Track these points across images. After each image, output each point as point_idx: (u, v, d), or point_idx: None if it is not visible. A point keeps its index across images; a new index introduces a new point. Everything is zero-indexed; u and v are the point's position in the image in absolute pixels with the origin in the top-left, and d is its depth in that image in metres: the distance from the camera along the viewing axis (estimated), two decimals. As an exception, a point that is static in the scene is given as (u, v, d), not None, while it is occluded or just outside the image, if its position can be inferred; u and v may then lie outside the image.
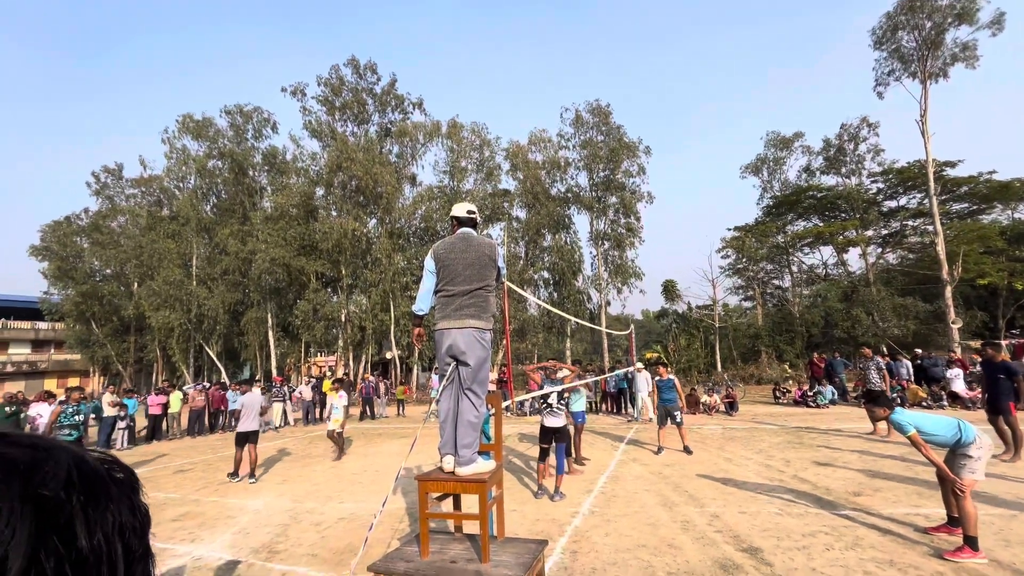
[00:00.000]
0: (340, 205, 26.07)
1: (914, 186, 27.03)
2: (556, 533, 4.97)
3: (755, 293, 31.03)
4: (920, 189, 26.07)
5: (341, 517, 5.84)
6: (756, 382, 22.15)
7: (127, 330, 32.33)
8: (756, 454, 8.29)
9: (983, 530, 4.31)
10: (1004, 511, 5.00)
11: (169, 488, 7.88)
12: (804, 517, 5.10)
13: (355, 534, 5.17)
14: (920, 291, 24.75)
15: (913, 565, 3.89)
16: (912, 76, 22.37)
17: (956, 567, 3.81)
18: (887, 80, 23.31)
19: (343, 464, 9.08)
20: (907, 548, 4.22)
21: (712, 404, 14.42)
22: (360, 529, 5.29)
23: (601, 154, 26.84)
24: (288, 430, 14.76)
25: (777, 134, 31.88)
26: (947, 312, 20.94)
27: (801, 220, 31.37)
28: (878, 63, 23.49)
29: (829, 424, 10.91)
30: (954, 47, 21.45)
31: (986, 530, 4.39)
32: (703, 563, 4.11)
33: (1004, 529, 4.53)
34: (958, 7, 20.83)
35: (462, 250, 3.16)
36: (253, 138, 29.49)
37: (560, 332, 27.78)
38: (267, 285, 26.53)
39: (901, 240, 28.63)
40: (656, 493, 6.23)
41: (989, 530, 4.45)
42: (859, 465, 7.15)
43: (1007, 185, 25.61)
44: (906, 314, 23.26)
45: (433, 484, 3.05)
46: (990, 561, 3.87)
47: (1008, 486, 5.84)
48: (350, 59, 27.00)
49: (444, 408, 3.16)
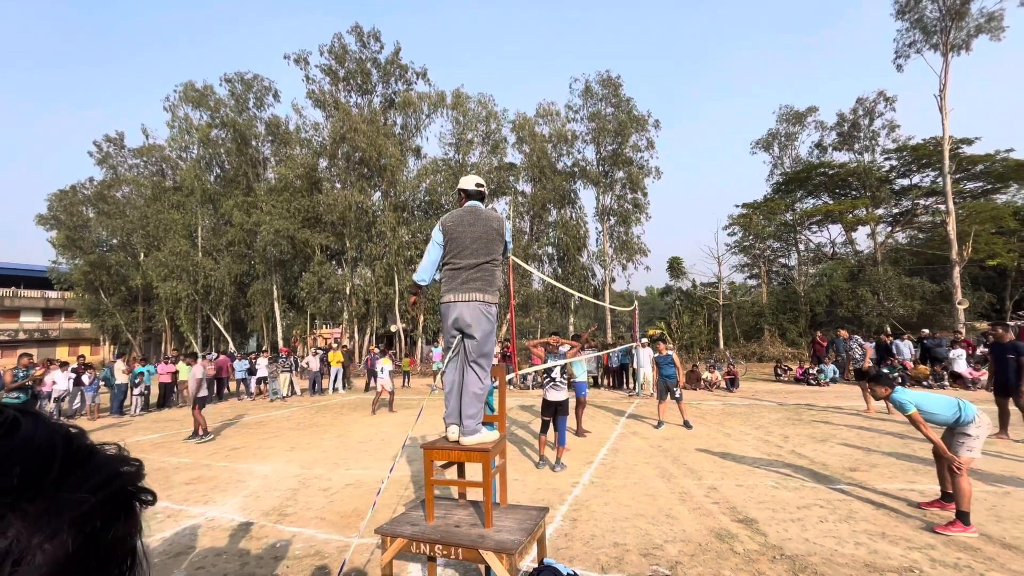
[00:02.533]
0: (344, 177, 25.87)
1: (928, 164, 26.48)
2: (557, 501, 5.12)
3: (760, 271, 30.85)
4: (934, 167, 25.55)
5: (348, 483, 6.02)
6: (758, 360, 22.29)
7: (135, 300, 32.69)
8: (755, 430, 8.42)
9: (976, 506, 4.40)
10: (997, 488, 5.10)
11: (182, 453, 8.12)
12: (800, 491, 5.22)
13: (362, 499, 5.34)
14: (928, 271, 24.54)
15: (904, 537, 3.99)
16: (934, 48, 21.62)
17: (946, 540, 3.91)
18: (907, 52, 22.55)
19: (350, 433, 9.30)
20: (899, 521, 4.33)
21: (713, 380, 14.56)
22: (367, 495, 5.46)
23: (609, 127, 26.37)
24: (295, 399, 15.06)
25: (790, 108, 31.12)
26: (954, 293, 20.80)
27: (811, 198, 30.88)
28: (899, 34, 22.69)
29: (829, 402, 11.02)
30: (979, 17, 20.65)
31: (979, 506, 4.49)
32: (699, 532, 4.23)
33: (996, 505, 4.62)
34: (986, -26, 19.95)
35: (470, 223, 3.15)
36: (255, 107, 29.10)
37: (564, 307, 27.87)
38: (272, 257, 26.61)
39: (911, 219, 28.21)
40: (655, 465, 6.37)
41: (982, 506, 4.54)
42: (856, 442, 7.26)
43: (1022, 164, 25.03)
44: (912, 294, 23.13)
45: (438, 452, 3.13)
46: (980, 535, 3.96)
47: (1003, 464, 5.93)
48: (353, 26, 26.33)
49: (449, 380, 3.21)
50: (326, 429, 9.83)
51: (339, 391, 16.57)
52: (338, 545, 4.24)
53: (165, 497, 5.70)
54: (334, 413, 12.03)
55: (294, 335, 30.56)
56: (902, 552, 3.73)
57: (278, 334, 27.58)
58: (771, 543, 3.97)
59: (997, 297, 23.93)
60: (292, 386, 15.76)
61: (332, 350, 17.52)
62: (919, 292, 23.09)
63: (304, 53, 26.51)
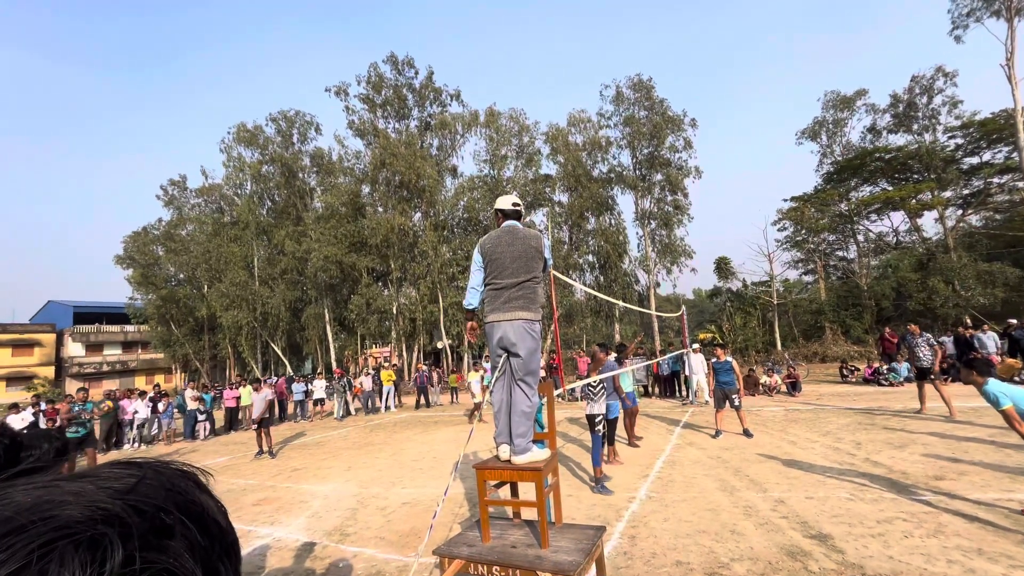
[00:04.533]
0: (386, 201, 26.81)
1: (1000, 139, 24.41)
2: (613, 518, 4.99)
3: (816, 266, 29.26)
4: (1008, 142, 23.51)
5: (404, 502, 6.12)
6: (820, 360, 21.03)
7: (202, 330, 34.98)
8: (823, 436, 7.91)
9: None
10: (1115, 496, 4.53)
11: (248, 475, 8.53)
12: (879, 502, 4.84)
13: (419, 518, 5.41)
14: (1010, 255, 22.45)
15: (1005, 554, 3.61)
16: (995, 15, 20.06)
17: (1057, 557, 3.50)
18: (966, 22, 21.06)
19: (403, 451, 9.48)
20: (998, 536, 3.92)
21: (772, 385, 13.85)
22: (422, 513, 5.53)
23: (644, 130, 26.01)
24: (351, 420, 15.54)
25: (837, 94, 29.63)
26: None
27: (867, 185, 29.13)
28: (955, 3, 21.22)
29: (904, 404, 10.21)
30: (1047, -23, 19.02)
31: (1093, 517, 4.00)
32: (768, 549, 4.00)
33: (1116, 516, 4.10)
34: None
35: (508, 243, 3.18)
36: (299, 142, 30.83)
37: (608, 316, 27.43)
38: (322, 282, 27.82)
39: (985, 200, 25.97)
40: (715, 478, 6.10)
41: (1097, 517, 4.05)
42: (940, 447, 6.67)
43: (1115, 129, 22.52)
44: (993, 281, 21.20)
45: (490, 472, 3.14)
46: (1099, 551, 3.53)
47: (1120, 468, 5.27)
48: (389, 56, 27.49)
49: (498, 399, 3.23)
50: (380, 448, 10.07)
51: (391, 409, 16.97)
52: (398, 565, 4.31)
53: (235, 519, 5.99)
54: (388, 431, 12.32)
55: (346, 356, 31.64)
56: (1004, 571, 3.37)
57: (331, 356, 28.67)
58: (850, 561, 3.69)
59: (1096, 279, 21.52)
60: (347, 406, 16.30)
61: (383, 369, 18.01)
62: (1001, 278, 21.13)
63: (344, 85, 27.90)
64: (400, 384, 19.74)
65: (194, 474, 0.42)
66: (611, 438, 7.12)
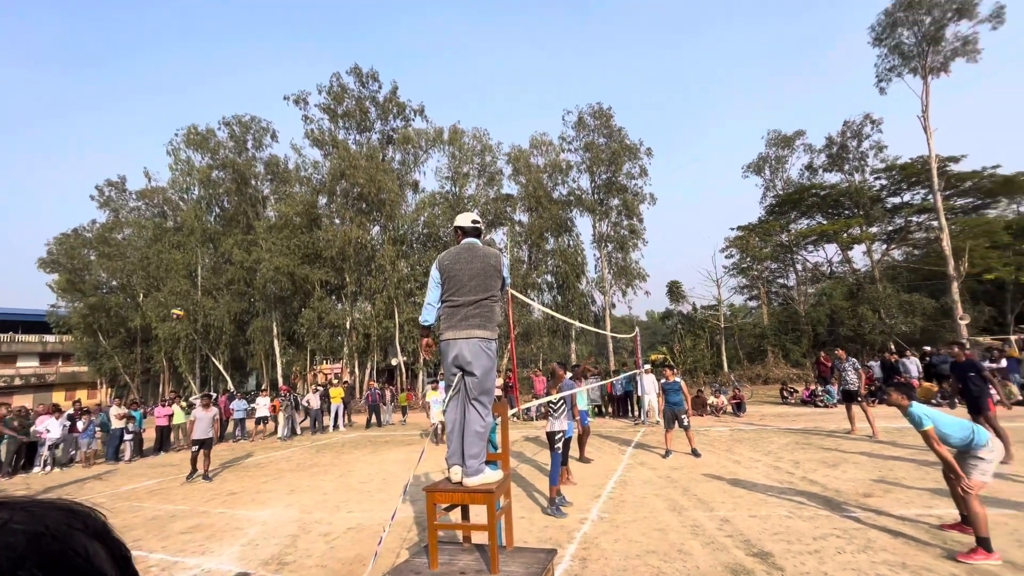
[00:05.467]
0: (343, 213, 26.21)
1: (918, 182, 26.94)
2: (565, 540, 4.96)
3: (760, 292, 30.91)
4: (924, 185, 25.97)
5: (350, 527, 5.84)
6: (763, 382, 22.05)
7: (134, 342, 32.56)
8: (765, 456, 8.25)
9: (997, 530, 4.27)
10: (1015, 511, 4.95)
11: (178, 500, 7.91)
12: (815, 520, 5.07)
13: (364, 544, 5.17)
14: (926, 287, 24.59)
15: (926, 567, 3.85)
16: (913, 72, 22.33)
17: (970, 569, 3.77)
18: (888, 76, 23.28)
19: (351, 473, 9.09)
20: (919, 550, 4.18)
21: (719, 405, 14.35)
22: (369, 539, 5.29)
23: (603, 156, 26.92)
24: (296, 440, 14.79)
25: (778, 133, 31.86)
26: (954, 308, 20.79)
27: (805, 218, 31.29)
28: (879, 59, 23.47)
29: (837, 424, 10.84)
30: (955, 41, 21.41)
31: (999, 530, 4.35)
32: (714, 568, 4.08)
33: (1018, 529, 4.49)
34: (957, 2, 20.79)
35: (467, 260, 3.17)
36: (253, 148, 29.76)
37: (565, 335, 27.75)
38: (272, 294, 26.67)
39: (906, 236, 28.48)
40: (665, 497, 6.21)
41: (1003, 530, 4.40)
42: (868, 466, 7.10)
43: (1011, 179, 25.48)
44: (912, 311, 23.11)
45: (441, 495, 3.05)
46: (1004, 562, 3.83)
47: (1017, 487, 5.79)
48: (352, 67, 27.23)
49: (451, 418, 3.16)
50: (327, 469, 9.62)
51: (340, 428, 16.30)
52: (340, 595, 4.08)
53: (160, 548, 5.52)
54: (335, 452, 11.80)
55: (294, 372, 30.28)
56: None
57: (278, 372, 27.34)
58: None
59: (998, 311, 23.89)
60: (293, 425, 15.51)
61: (333, 386, 17.32)
62: (919, 308, 23.08)
63: (303, 94, 27.31)
64: (351, 402, 19.03)
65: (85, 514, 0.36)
66: (565, 458, 7.11)
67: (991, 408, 6.90)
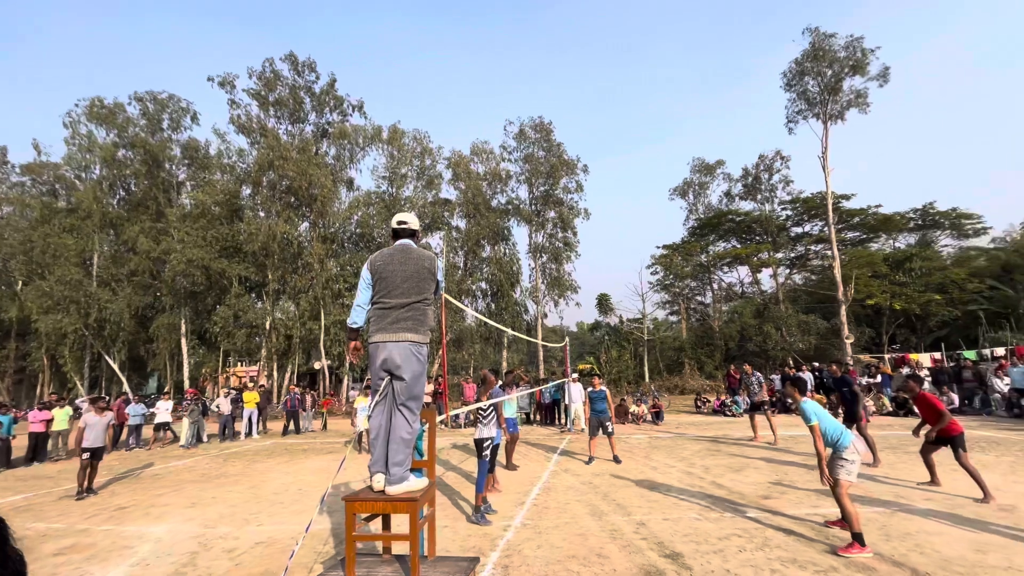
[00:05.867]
0: (269, 206, 24.69)
1: (816, 215, 30.14)
2: (488, 548, 4.94)
3: (680, 308, 32.97)
4: (821, 218, 29.10)
5: (259, 541, 5.44)
6: (680, 392, 23.43)
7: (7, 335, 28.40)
8: (679, 462, 8.75)
9: (869, 527, 4.85)
10: (884, 509, 5.63)
11: (52, 517, 6.95)
12: (720, 521, 5.45)
13: (274, 560, 4.84)
14: (820, 309, 27.49)
15: (812, 562, 4.27)
16: (816, 117, 25.05)
17: (847, 562, 4.23)
18: (796, 118, 25.93)
19: (263, 483, 8.49)
20: (807, 546, 4.63)
21: (640, 414, 15.05)
22: (280, 554, 4.96)
23: (542, 169, 27.54)
24: (202, 448, 13.59)
25: (702, 161, 34.34)
26: (842, 328, 23.39)
27: (722, 241, 33.89)
28: (789, 103, 26.09)
29: (743, 432, 11.76)
30: (850, 94, 24.30)
31: (871, 526, 4.93)
32: (629, 570, 4.26)
33: (886, 525, 5.09)
34: (852, 60, 23.66)
35: (401, 262, 3.11)
36: (170, 129, 27.28)
37: (497, 343, 27.88)
38: (182, 288, 24.45)
39: (805, 263, 31.75)
40: (586, 503, 6.39)
41: (873, 526, 4.99)
42: (767, 470, 7.77)
43: (889, 218, 29.30)
44: (809, 330, 25.70)
45: (361, 505, 2.93)
46: (875, 554, 4.33)
47: (886, 487, 6.59)
48: (288, 54, 25.86)
49: (376, 424, 3.06)
50: (236, 480, 8.91)
51: (253, 436, 15.19)
52: (243, 616, 3.78)
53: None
54: (246, 461, 10.97)
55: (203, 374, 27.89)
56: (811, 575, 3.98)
57: (184, 373, 25.03)
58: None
59: (876, 332, 27.19)
60: (198, 432, 14.23)
61: (248, 390, 16.14)
62: (814, 328, 25.72)
63: (230, 76, 25.52)
64: (267, 408, 17.82)
65: None
66: (492, 465, 7.12)
67: (863, 418, 7.93)
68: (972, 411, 13.72)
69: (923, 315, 25.16)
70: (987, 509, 5.47)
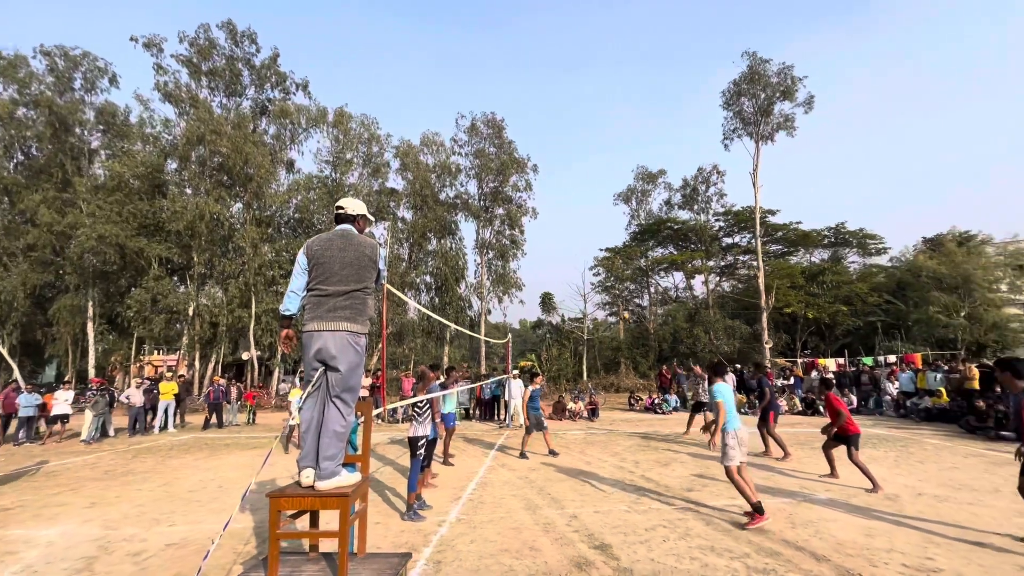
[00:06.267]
0: (197, 183, 22.90)
1: (746, 227, 32.25)
2: (421, 544, 4.88)
3: (619, 309, 34.16)
4: (749, 230, 31.18)
5: (169, 543, 5.05)
6: (615, 390, 24.30)
7: None
8: (612, 457, 9.08)
9: (777, 515, 5.29)
10: (791, 500, 6.14)
11: (-84, 520, 6.07)
12: (647, 513, 5.71)
13: (186, 562, 4.51)
14: (744, 315, 29.49)
15: (728, 549, 4.57)
16: (749, 136, 26.78)
17: (757, 548, 4.56)
18: (732, 136, 27.58)
19: (177, 481, 7.88)
20: (724, 535, 4.95)
21: (577, 411, 15.46)
22: (194, 556, 4.63)
23: (492, 166, 27.48)
24: (107, 442, 12.40)
25: (645, 169, 35.72)
26: (762, 334, 25.23)
27: (660, 247, 35.46)
28: (726, 120, 27.70)
29: (671, 429, 12.39)
30: (779, 117, 26.19)
31: (779, 515, 5.37)
32: (560, 563, 4.36)
33: (792, 514, 5.56)
34: (783, 86, 25.51)
35: (340, 248, 2.98)
36: (83, 90, 24.56)
37: (439, 338, 27.58)
38: (91, 267, 22.15)
39: (734, 272, 33.94)
40: (522, 497, 6.47)
41: (781, 515, 5.43)
42: (692, 464, 8.24)
43: (807, 234, 31.97)
44: (734, 334, 27.51)
45: (287, 501, 2.78)
46: (782, 540, 4.71)
47: (794, 480, 7.19)
48: (225, 22, 24.04)
49: (307, 417, 2.91)
50: (146, 477, 8.21)
51: (169, 430, 14.07)
52: (148, 623, 3.49)
53: None
54: (159, 457, 10.14)
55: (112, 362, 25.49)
56: (726, 563, 4.26)
57: (90, 361, 22.73)
58: (623, 566, 4.24)
59: (791, 338, 29.57)
60: (104, 426, 12.97)
61: (166, 380, 14.92)
62: (739, 332, 27.56)
63: (157, 38, 23.37)
64: (186, 399, 16.56)
65: None
66: (428, 460, 7.03)
67: (771, 418, 8.71)
68: (867, 411, 15.26)
69: (831, 324, 27.67)
70: (875, 498, 6.12)
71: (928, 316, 25.15)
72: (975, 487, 6.63)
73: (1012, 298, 26.87)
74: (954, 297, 25.26)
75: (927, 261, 27.64)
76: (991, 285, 25.95)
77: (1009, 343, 24.89)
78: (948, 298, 25.15)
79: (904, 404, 14.44)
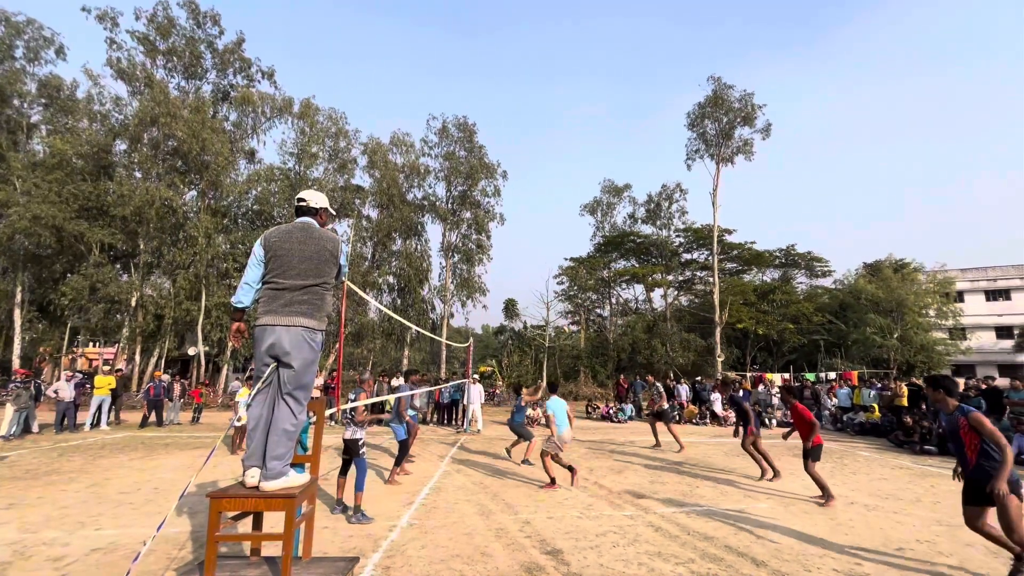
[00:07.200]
0: (149, 167, 21.71)
1: (704, 244, 33.51)
2: (370, 549, 4.76)
3: (581, 318, 34.67)
4: (707, 247, 32.42)
5: (95, 547, 4.71)
6: (574, 398, 24.59)
7: None
8: (567, 464, 9.16)
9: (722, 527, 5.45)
10: (737, 509, 6.39)
11: None
12: (599, 519, 5.79)
13: (114, 568, 4.22)
14: (699, 329, 30.56)
15: (674, 554, 4.70)
16: (711, 157, 27.91)
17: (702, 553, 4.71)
18: (694, 156, 28.66)
19: (107, 482, 7.38)
20: (671, 540, 5.08)
21: (535, 417, 15.52)
22: (122, 562, 4.34)
23: (462, 169, 27.44)
24: (30, 439, 11.47)
25: (611, 183, 36.56)
26: (715, 347, 26.19)
27: (623, 260, 36.30)
28: (690, 141, 28.77)
29: (626, 437, 12.64)
30: (739, 141, 27.43)
31: (724, 525, 5.56)
32: (511, 568, 4.35)
33: (737, 521, 5.78)
34: (744, 112, 26.77)
35: (300, 241, 2.90)
36: (25, 60, 22.89)
37: (400, 340, 27.13)
38: (22, 249, 20.55)
39: (691, 287, 35.14)
40: (475, 503, 6.43)
41: (726, 522, 5.63)
42: (644, 472, 8.43)
43: (760, 254, 33.53)
44: (689, 347, 28.43)
45: (229, 502, 2.66)
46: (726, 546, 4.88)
47: (739, 490, 7.48)
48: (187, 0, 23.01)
49: (255, 414, 2.80)
50: (72, 477, 7.64)
51: (101, 427, 13.17)
52: (66, 633, 3.24)
53: None
54: (88, 456, 9.46)
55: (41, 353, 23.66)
56: (671, 568, 4.37)
57: (15, 351, 21.01)
58: (572, 572, 4.28)
59: (742, 352, 30.85)
60: (27, 421, 12.00)
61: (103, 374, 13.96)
62: (693, 345, 28.52)
63: (113, 12, 22.11)
64: (123, 395, 15.55)
65: None
66: (400, 460, 7.45)
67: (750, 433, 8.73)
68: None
69: (779, 340, 29.07)
70: (813, 507, 6.45)
71: (865, 336, 26.86)
72: (900, 497, 7.10)
73: (939, 323, 29.11)
74: (888, 320, 27.11)
75: (867, 285, 29.56)
76: (921, 310, 28.03)
77: (935, 364, 26.91)
78: (883, 320, 26.97)
79: (841, 418, 15.31)
